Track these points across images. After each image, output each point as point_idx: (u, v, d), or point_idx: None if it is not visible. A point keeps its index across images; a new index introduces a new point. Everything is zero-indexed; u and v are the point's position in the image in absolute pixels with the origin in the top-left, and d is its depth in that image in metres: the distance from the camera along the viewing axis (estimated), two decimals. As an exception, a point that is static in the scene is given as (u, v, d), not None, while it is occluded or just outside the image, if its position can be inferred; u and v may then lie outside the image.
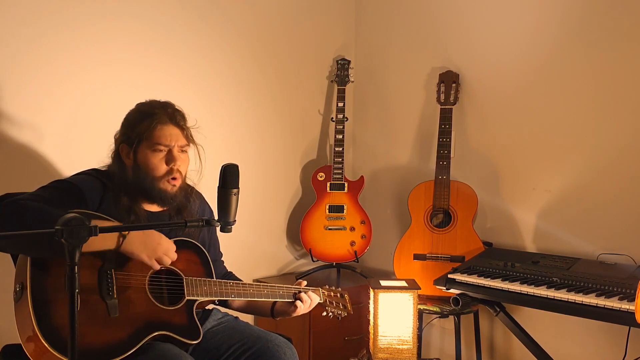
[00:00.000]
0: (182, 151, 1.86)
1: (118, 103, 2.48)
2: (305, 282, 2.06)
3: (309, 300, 1.99)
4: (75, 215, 1.24)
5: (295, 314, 1.99)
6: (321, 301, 2.08)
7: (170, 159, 1.83)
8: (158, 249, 1.68)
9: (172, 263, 1.79)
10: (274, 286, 1.99)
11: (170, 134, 1.83)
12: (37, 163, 2.32)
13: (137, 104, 1.91)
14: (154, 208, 1.88)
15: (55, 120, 2.36)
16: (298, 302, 1.97)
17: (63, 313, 1.54)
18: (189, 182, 1.96)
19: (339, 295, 2.17)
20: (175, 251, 1.82)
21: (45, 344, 1.48)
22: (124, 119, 1.89)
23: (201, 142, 1.94)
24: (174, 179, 1.84)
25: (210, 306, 2.05)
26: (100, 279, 1.64)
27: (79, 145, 2.41)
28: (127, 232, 1.63)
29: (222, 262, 2.16)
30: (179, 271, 1.81)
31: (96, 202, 1.75)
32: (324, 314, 2.11)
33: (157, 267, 1.70)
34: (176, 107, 1.90)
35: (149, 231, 1.69)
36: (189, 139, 1.89)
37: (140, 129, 1.81)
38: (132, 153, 1.82)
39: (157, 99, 1.94)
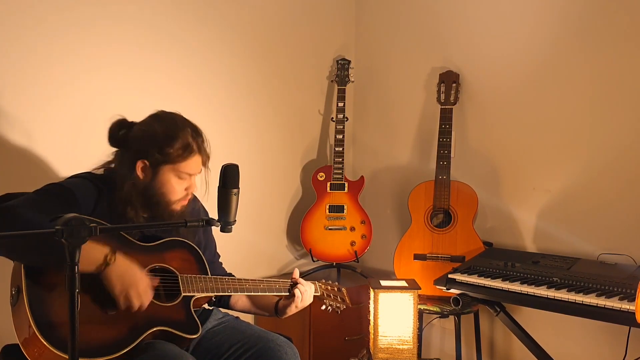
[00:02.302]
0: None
1: (118, 105, 2.47)
2: (297, 270, 2.06)
3: (305, 289, 1.99)
4: (76, 215, 1.24)
5: (295, 308, 1.98)
6: (318, 294, 2.08)
7: (190, 185, 1.83)
8: (133, 287, 1.62)
9: (166, 261, 1.80)
10: (270, 281, 1.99)
11: (197, 164, 1.82)
12: (36, 164, 2.32)
13: (163, 121, 1.82)
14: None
15: (54, 122, 2.36)
16: (296, 292, 1.97)
17: (60, 312, 1.54)
18: None
19: (336, 288, 2.17)
20: (169, 250, 1.83)
21: (44, 342, 1.48)
22: (146, 133, 1.79)
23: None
24: (185, 199, 1.85)
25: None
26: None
27: (78, 147, 2.40)
28: (112, 260, 1.59)
29: (220, 263, 2.15)
30: (173, 269, 1.81)
31: (90, 206, 1.73)
32: (323, 307, 2.11)
33: (123, 305, 1.62)
34: (204, 135, 1.86)
35: (132, 267, 1.65)
36: (206, 165, 1.88)
37: (170, 152, 1.76)
38: (151, 171, 1.78)
39: (168, 108, 1.89)
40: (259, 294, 1.97)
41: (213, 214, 1.67)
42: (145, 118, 1.85)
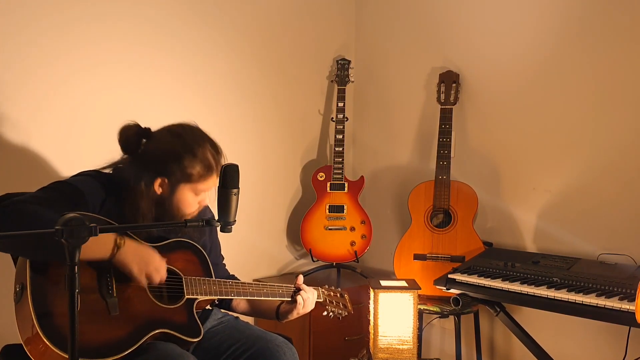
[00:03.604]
0: None
1: (118, 103, 2.50)
2: (301, 276, 2.06)
3: (308, 296, 1.99)
4: (75, 215, 1.24)
5: (297, 314, 1.98)
6: (321, 300, 2.08)
7: (203, 199, 1.84)
8: (150, 264, 1.65)
9: (171, 263, 1.79)
10: (273, 285, 1.99)
11: (214, 181, 1.82)
12: (36, 163, 2.32)
13: (183, 138, 1.79)
14: None
15: (54, 120, 2.36)
16: (299, 298, 1.97)
17: (64, 312, 1.53)
18: None
19: (338, 294, 2.17)
20: (174, 251, 1.83)
21: (47, 342, 1.48)
22: (168, 151, 1.77)
23: None
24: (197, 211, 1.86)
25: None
26: (100, 277, 1.64)
27: (78, 146, 2.40)
28: (122, 243, 1.61)
29: (224, 265, 2.15)
30: (177, 270, 1.81)
31: (97, 205, 1.73)
32: (325, 313, 2.11)
33: (145, 283, 1.65)
34: (221, 150, 1.86)
35: (143, 246, 1.67)
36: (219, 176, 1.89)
37: (191, 173, 1.76)
38: (169, 188, 1.78)
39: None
40: (262, 298, 1.97)
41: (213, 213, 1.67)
42: (162, 130, 1.82)
